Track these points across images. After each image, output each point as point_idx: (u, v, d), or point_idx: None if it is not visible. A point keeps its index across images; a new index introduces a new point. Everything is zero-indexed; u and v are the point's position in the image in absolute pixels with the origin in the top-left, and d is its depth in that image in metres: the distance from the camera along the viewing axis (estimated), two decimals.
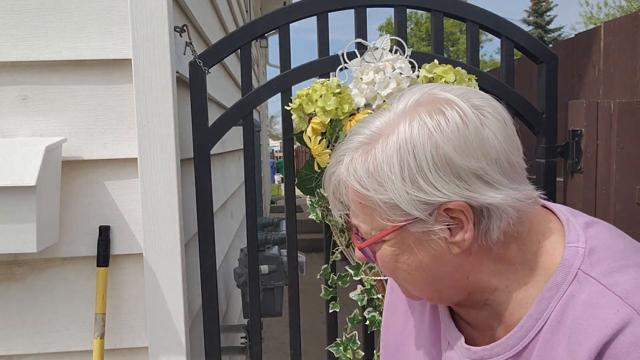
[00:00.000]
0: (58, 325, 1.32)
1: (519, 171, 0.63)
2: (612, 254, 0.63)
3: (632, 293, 0.58)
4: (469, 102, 0.63)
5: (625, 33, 1.80)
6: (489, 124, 0.62)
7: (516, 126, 0.66)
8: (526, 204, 0.63)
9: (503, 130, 0.62)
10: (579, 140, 1.62)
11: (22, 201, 1.12)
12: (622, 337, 0.57)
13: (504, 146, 0.61)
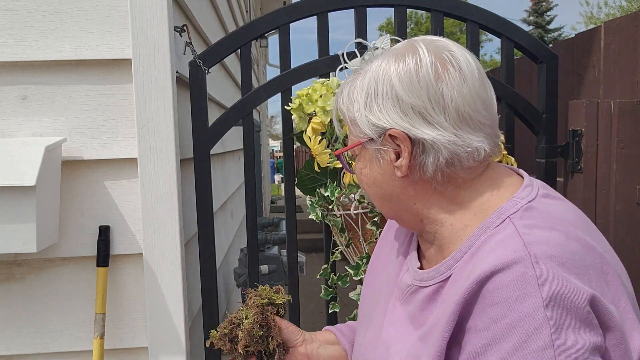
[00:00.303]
0: (58, 325, 1.32)
1: (469, 123, 0.72)
2: (546, 217, 0.69)
3: (536, 243, 0.64)
4: (436, 54, 0.72)
5: (625, 33, 1.80)
6: (445, 76, 0.71)
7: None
8: (465, 151, 0.71)
9: (459, 85, 0.71)
10: (579, 140, 1.62)
11: (22, 201, 1.12)
12: (506, 272, 0.62)
13: (456, 97, 0.71)
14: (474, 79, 0.72)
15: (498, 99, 1.59)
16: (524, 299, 0.60)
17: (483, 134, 0.72)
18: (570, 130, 1.64)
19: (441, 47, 0.74)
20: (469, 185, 0.75)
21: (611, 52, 1.85)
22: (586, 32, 2.00)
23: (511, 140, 1.53)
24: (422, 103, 0.71)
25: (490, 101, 0.74)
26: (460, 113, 0.71)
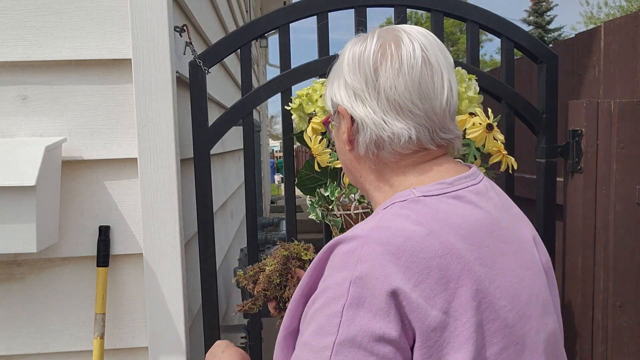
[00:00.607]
0: (58, 325, 1.32)
1: (399, 110, 0.76)
2: (424, 213, 0.71)
3: (382, 228, 0.68)
4: (382, 44, 0.78)
5: (625, 33, 1.80)
6: (383, 66, 0.76)
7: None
8: (387, 134, 0.76)
9: (394, 76, 0.76)
10: (579, 140, 1.62)
11: (22, 201, 1.12)
12: (345, 244, 0.69)
13: (389, 86, 0.76)
14: (414, 71, 0.76)
15: (498, 98, 1.60)
16: (342, 270, 0.66)
17: (413, 123, 0.76)
18: (570, 130, 1.63)
19: (392, 37, 0.78)
20: (402, 172, 0.79)
21: (611, 52, 1.85)
22: (586, 32, 1.99)
23: (511, 140, 1.53)
24: (360, 86, 0.78)
25: (431, 94, 0.77)
26: (390, 100, 0.76)
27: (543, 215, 1.60)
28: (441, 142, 0.79)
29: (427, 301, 0.63)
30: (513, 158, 1.43)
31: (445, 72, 0.78)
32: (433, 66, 0.77)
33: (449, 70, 0.80)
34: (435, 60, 0.78)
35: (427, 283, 0.64)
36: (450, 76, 0.79)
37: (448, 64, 0.80)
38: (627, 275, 1.60)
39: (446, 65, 0.79)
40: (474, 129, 1.14)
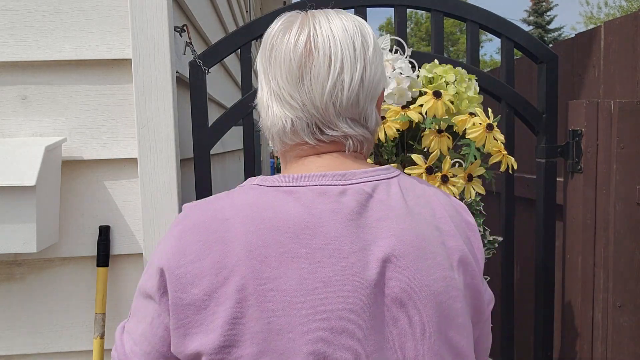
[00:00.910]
0: (58, 325, 1.32)
1: (279, 100, 0.75)
2: (239, 200, 0.72)
3: (198, 205, 0.74)
4: (276, 32, 0.76)
5: (625, 33, 1.80)
6: (272, 53, 0.76)
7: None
8: (269, 121, 0.77)
9: (277, 66, 0.75)
10: (579, 140, 1.62)
11: (22, 201, 1.12)
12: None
13: (273, 74, 0.75)
14: (292, 62, 0.73)
15: (498, 98, 1.60)
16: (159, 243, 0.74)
17: (291, 114, 0.74)
18: (570, 130, 1.64)
19: (294, 21, 0.76)
20: (290, 162, 0.79)
21: (611, 52, 1.85)
22: (586, 32, 2.00)
23: (511, 140, 1.53)
24: (262, 68, 0.78)
25: (310, 86, 0.72)
26: (273, 88, 0.76)
27: (543, 215, 1.60)
28: (322, 138, 0.74)
29: (194, 279, 0.66)
30: (513, 158, 1.43)
31: (346, 64, 0.72)
32: (319, 57, 0.72)
33: (359, 63, 0.74)
34: (327, 51, 0.72)
35: (201, 264, 0.66)
36: (356, 70, 0.73)
37: (361, 57, 0.74)
38: (627, 275, 1.60)
39: (354, 57, 0.73)
40: (474, 128, 1.14)
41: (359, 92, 0.74)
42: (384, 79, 0.81)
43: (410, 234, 0.70)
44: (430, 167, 1.14)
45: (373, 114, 0.78)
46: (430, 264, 0.70)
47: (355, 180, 0.72)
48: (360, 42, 0.75)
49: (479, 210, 1.29)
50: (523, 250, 2.31)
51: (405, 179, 0.77)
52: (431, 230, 0.72)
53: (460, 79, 1.22)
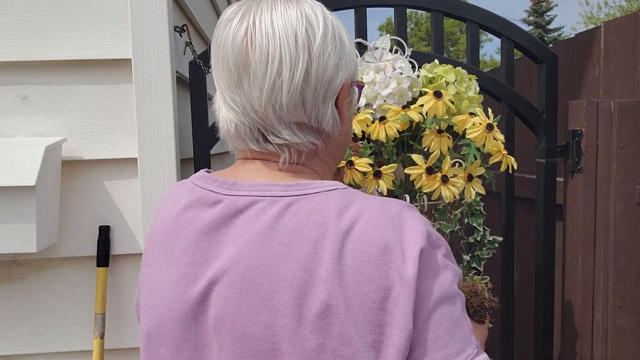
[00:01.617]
0: (58, 325, 1.32)
1: (223, 99, 0.70)
2: (171, 194, 0.78)
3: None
4: (226, 27, 0.68)
5: (625, 33, 1.80)
6: (216, 51, 0.70)
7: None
8: (219, 119, 0.73)
9: (216, 66, 0.69)
10: (579, 140, 1.62)
11: (22, 201, 1.12)
12: None
13: (217, 72, 0.70)
14: (230, 64, 0.66)
15: (498, 98, 1.60)
16: None
17: (235, 118, 0.68)
18: (570, 130, 1.64)
19: (231, 17, 0.68)
20: (235, 164, 0.77)
21: (611, 52, 1.85)
22: (586, 32, 2.00)
23: (511, 140, 1.53)
24: (213, 65, 0.74)
25: (247, 86, 0.66)
26: (220, 89, 0.70)
27: (543, 215, 1.60)
28: (265, 146, 0.69)
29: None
30: (513, 158, 1.43)
31: (285, 62, 0.64)
32: (256, 56, 0.64)
33: (302, 58, 0.65)
34: (263, 49, 0.64)
35: (145, 253, 0.75)
36: (297, 67, 0.64)
37: (304, 50, 0.65)
38: (627, 275, 1.60)
39: (295, 52, 0.64)
40: (474, 128, 1.14)
41: (303, 92, 0.66)
42: (345, 70, 0.70)
43: (246, 264, 0.62)
44: (430, 167, 1.14)
45: (329, 113, 0.69)
46: (256, 302, 0.61)
47: (239, 192, 0.67)
48: (304, 32, 0.65)
49: (479, 210, 1.29)
50: (523, 250, 2.31)
51: (311, 204, 0.64)
52: (287, 269, 0.61)
53: (461, 79, 1.22)
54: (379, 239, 0.61)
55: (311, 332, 0.59)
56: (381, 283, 0.59)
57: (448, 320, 0.61)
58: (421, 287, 0.61)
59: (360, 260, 0.60)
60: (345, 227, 0.61)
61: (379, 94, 1.19)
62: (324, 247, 0.60)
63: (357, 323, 0.59)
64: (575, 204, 1.65)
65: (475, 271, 1.33)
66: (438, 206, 1.24)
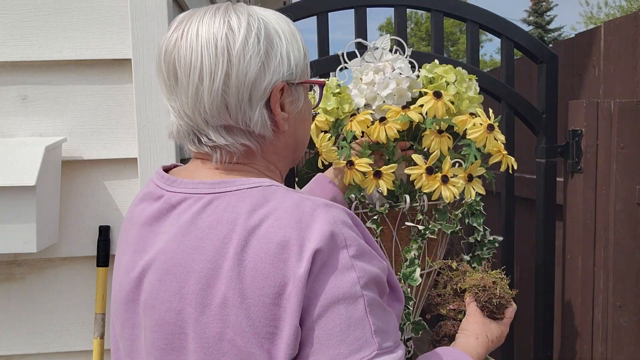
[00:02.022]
0: (58, 325, 1.32)
1: (167, 101, 0.75)
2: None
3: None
4: (166, 36, 0.73)
5: (625, 33, 1.80)
6: (158, 58, 0.74)
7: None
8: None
9: (159, 71, 0.74)
10: (579, 140, 1.62)
11: (22, 201, 1.12)
12: None
13: (160, 78, 0.75)
14: (164, 74, 0.72)
15: (498, 98, 1.60)
16: None
17: (176, 120, 0.74)
18: (570, 130, 1.64)
19: (171, 27, 0.73)
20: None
21: (611, 52, 1.85)
22: (586, 32, 2.00)
23: (511, 140, 1.53)
24: None
25: (176, 88, 0.71)
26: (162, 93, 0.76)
27: (543, 215, 1.60)
28: (200, 148, 0.73)
29: None
30: (513, 158, 1.44)
31: (206, 69, 0.68)
32: (181, 65, 0.69)
33: (221, 63, 0.68)
34: (187, 58, 0.68)
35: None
36: (217, 72, 0.68)
37: (224, 55, 0.68)
38: (627, 275, 1.60)
39: (215, 58, 0.68)
40: (474, 129, 1.14)
41: (225, 96, 0.69)
42: (275, 74, 0.71)
43: (168, 255, 0.69)
44: (430, 167, 1.14)
45: (256, 115, 0.71)
46: (171, 290, 0.67)
47: (176, 189, 0.73)
48: (225, 38, 0.68)
49: (479, 210, 1.29)
50: (523, 250, 2.31)
51: (229, 201, 0.68)
52: (197, 262, 0.66)
53: (461, 79, 1.22)
54: (280, 237, 0.63)
55: (212, 321, 0.64)
56: (276, 280, 0.62)
57: (344, 321, 0.62)
58: (314, 286, 0.62)
59: (259, 256, 0.63)
60: (253, 224, 0.65)
61: (378, 94, 1.19)
62: (230, 243, 0.65)
63: (250, 316, 0.62)
64: (575, 204, 1.65)
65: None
66: (438, 206, 1.24)
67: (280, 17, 0.78)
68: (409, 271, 1.16)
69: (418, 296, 1.25)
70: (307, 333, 0.62)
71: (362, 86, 1.21)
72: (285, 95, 0.74)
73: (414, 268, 1.16)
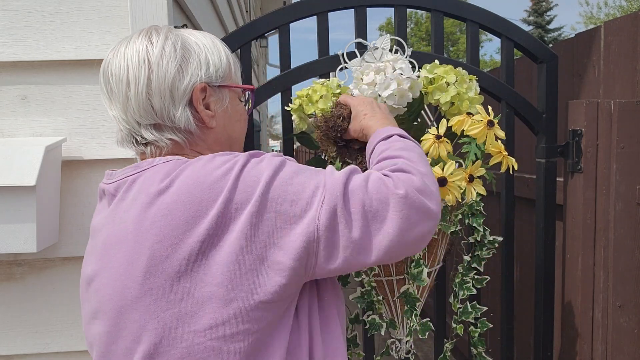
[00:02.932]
0: (58, 325, 1.32)
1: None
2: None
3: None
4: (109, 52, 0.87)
5: (625, 33, 1.80)
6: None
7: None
8: None
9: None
10: (579, 140, 1.62)
11: (22, 201, 1.12)
12: None
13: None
14: (102, 84, 0.86)
15: (498, 98, 1.60)
16: None
17: (115, 122, 0.86)
18: (570, 130, 1.64)
19: (116, 45, 0.87)
20: None
21: (611, 52, 1.85)
22: (586, 32, 2.00)
23: (511, 140, 1.53)
24: None
25: (113, 105, 0.84)
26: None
27: (543, 215, 1.60)
28: (139, 148, 0.86)
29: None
30: (513, 159, 1.44)
31: (131, 76, 0.81)
32: (113, 76, 0.83)
33: (142, 69, 0.81)
34: (119, 67, 0.82)
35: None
36: (140, 78, 0.81)
37: (144, 62, 0.81)
38: (627, 275, 1.60)
39: (138, 66, 0.81)
40: (474, 125, 1.13)
41: (149, 97, 0.81)
42: (193, 76, 0.84)
43: (107, 233, 0.79)
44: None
45: (179, 112, 0.82)
46: (110, 266, 0.76)
47: (111, 180, 0.84)
48: (145, 49, 0.82)
49: (479, 210, 1.29)
50: (523, 250, 2.31)
51: (150, 174, 0.78)
52: (125, 233, 0.75)
53: (461, 80, 1.22)
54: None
55: (145, 280, 0.74)
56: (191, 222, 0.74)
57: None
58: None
59: (175, 210, 0.75)
60: (164, 186, 0.74)
61: (379, 95, 1.19)
62: (149, 210, 0.74)
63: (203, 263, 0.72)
64: (575, 204, 1.65)
65: (475, 271, 1.33)
66: None
67: (206, 34, 0.91)
68: (417, 272, 1.15)
69: (419, 296, 1.25)
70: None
71: (362, 86, 1.21)
72: (208, 95, 0.86)
73: (421, 268, 1.15)
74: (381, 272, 1.22)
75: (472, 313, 1.34)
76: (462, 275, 1.32)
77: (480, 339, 1.38)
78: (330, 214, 0.72)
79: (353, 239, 0.73)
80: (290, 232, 0.71)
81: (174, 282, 0.70)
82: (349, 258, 0.73)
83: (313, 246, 0.71)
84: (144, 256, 0.71)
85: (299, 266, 0.71)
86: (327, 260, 0.73)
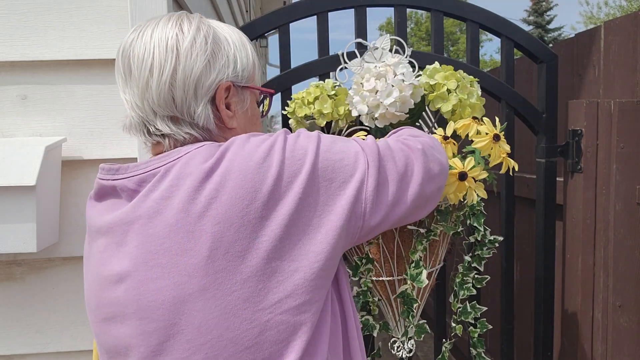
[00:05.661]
0: (58, 325, 1.32)
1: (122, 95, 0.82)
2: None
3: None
4: (127, 35, 0.81)
5: (625, 33, 1.80)
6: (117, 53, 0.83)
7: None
8: None
9: (116, 64, 0.82)
10: (579, 140, 1.62)
11: (22, 201, 1.12)
12: None
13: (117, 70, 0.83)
14: (119, 66, 0.80)
15: (498, 98, 1.60)
16: None
17: (130, 112, 0.81)
18: (570, 130, 1.64)
19: (134, 28, 0.81)
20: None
21: (611, 52, 1.85)
22: (586, 32, 2.00)
23: (511, 141, 1.53)
24: None
25: (129, 89, 0.79)
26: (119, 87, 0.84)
27: (543, 215, 1.60)
28: (150, 138, 0.81)
29: None
30: (514, 160, 1.43)
31: (156, 63, 0.76)
32: (135, 59, 0.78)
33: (170, 59, 0.77)
34: (141, 53, 0.77)
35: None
36: (165, 67, 0.76)
37: (172, 52, 0.77)
38: (627, 275, 1.60)
39: (165, 54, 0.76)
40: (480, 138, 1.13)
41: (172, 88, 0.77)
42: (220, 73, 0.80)
43: (141, 226, 0.73)
44: None
45: (200, 109, 0.78)
46: (154, 259, 0.72)
47: (125, 174, 0.77)
48: (175, 37, 0.77)
49: (479, 210, 1.29)
50: (523, 250, 2.31)
51: (186, 160, 0.74)
52: (170, 223, 0.71)
53: (462, 86, 1.21)
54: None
55: (226, 268, 0.73)
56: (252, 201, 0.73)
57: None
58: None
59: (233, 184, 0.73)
60: (210, 166, 0.72)
61: (381, 102, 1.19)
62: (200, 193, 0.71)
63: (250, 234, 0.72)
64: (575, 204, 1.65)
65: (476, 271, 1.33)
66: (440, 207, 1.23)
67: (234, 29, 0.86)
68: (416, 273, 1.16)
69: (419, 297, 1.25)
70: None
71: (364, 93, 1.21)
72: (231, 95, 0.82)
73: (420, 270, 1.16)
74: (382, 272, 1.22)
75: (471, 313, 1.34)
76: (463, 275, 1.32)
77: (479, 340, 1.38)
78: (374, 174, 0.77)
79: (392, 194, 0.80)
80: (341, 197, 0.74)
81: (238, 263, 0.69)
82: (389, 213, 0.80)
83: (361, 207, 0.76)
84: (202, 242, 0.69)
85: (349, 226, 0.75)
86: (371, 217, 0.78)
